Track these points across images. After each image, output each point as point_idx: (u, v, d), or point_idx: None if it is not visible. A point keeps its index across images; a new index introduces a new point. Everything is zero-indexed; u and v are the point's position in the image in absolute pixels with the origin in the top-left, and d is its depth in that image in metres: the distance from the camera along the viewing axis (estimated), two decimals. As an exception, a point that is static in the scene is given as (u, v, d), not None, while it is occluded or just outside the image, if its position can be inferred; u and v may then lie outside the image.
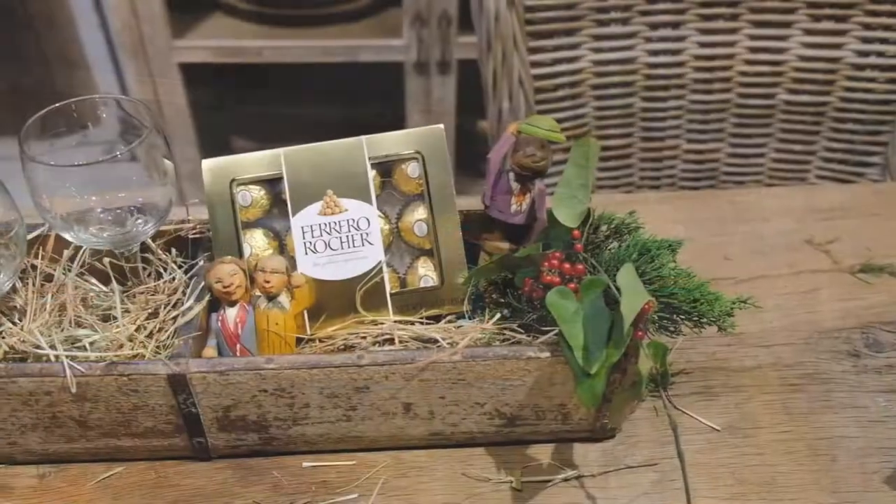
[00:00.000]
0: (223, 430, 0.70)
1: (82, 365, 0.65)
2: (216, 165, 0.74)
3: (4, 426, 0.69)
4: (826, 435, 0.75)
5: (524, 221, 0.77)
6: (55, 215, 0.68)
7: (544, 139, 0.74)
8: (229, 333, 0.69)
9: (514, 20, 1.14)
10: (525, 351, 0.67)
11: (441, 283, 0.76)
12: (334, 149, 0.75)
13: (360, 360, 0.66)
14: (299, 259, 0.74)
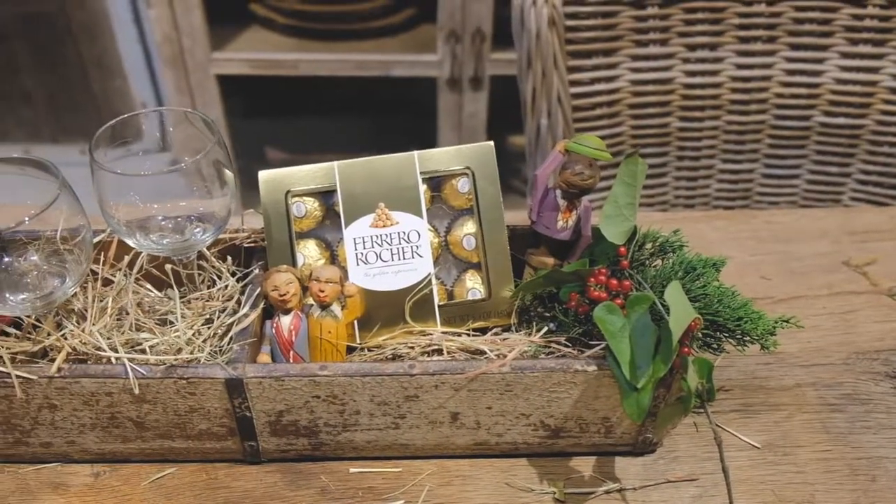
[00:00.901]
0: (275, 434, 0.72)
1: (143, 367, 0.67)
2: (272, 177, 0.77)
3: (64, 425, 0.71)
4: (865, 455, 0.76)
5: (570, 237, 0.78)
6: (119, 221, 0.71)
7: (592, 157, 0.76)
8: (283, 340, 0.71)
9: (555, 39, 1.16)
10: (572, 364, 0.68)
11: (488, 295, 0.78)
12: (387, 163, 0.77)
13: (411, 370, 0.68)
14: (351, 269, 0.76)
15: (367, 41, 2.04)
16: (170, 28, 1.90)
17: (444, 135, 2.12)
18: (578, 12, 1.17)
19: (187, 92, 2.03)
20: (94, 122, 2.63)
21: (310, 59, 1.98)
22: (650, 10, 1.19)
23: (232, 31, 2.05)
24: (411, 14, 2.08)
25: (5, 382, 0.67)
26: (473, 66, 1.97)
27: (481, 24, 1.90)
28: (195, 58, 1.96)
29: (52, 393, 0.68)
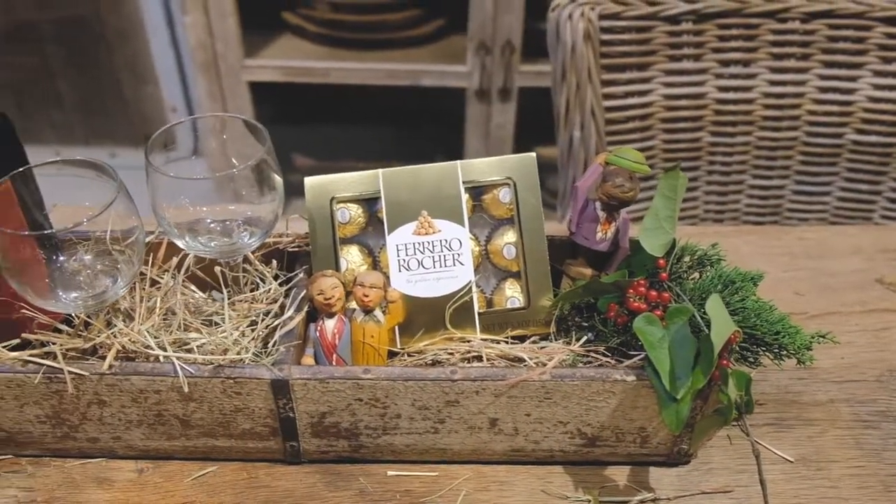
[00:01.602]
0: (316, 435, 0.74)
1: (191, 366, 0.69)
2: (317, 183, 0.78)
3: (111, 421, 0.73)
4: (900, 471, 0.77)
5: (608, 249, 0.79)
6: (170, 223, 0.72)
7: (632, 170, 0.77)
8: (327, 343, 0.73)
9: (590, 53, 1.17)
10: (611, 374, 0.69)
11: (527, 304, 0.79)
12: (430, 171, 0.79)
13: (453, 375, 0.69)
14: (393, 276, 0.77)
15: (397, 51, 2.06)
16: (204, 34, 1.93)
17: (471, 145, 2.14)
18: (614, 26, 1.18)
19: (219, 98, 2.06)
20: (124, 126, 2.67)
21: (341, 67, 2.00)
22: (685, 26, 1.20)
23: (264, 38, 2.08)
24: (441, 25, 2.10)
25: (58, 378, 0.69)
26: (503, 78, 1.99)
27: (511, 37, 1.92)
28: (228, 64, 1.99)
29: (103, 389, 0.70)
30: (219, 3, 1.88)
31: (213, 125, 0.75)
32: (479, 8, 1.87)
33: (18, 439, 0.75)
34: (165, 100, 2.56)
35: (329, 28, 2.04)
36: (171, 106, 2.57)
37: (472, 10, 1.88)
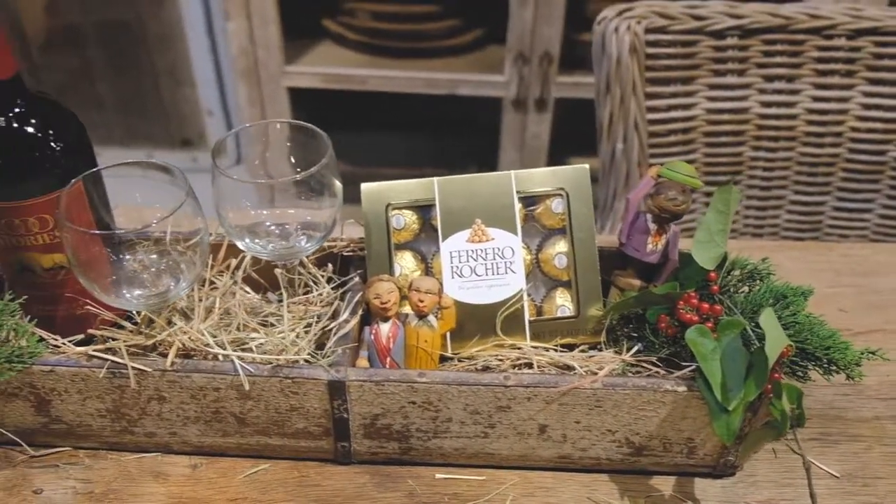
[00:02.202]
0: (368, 436, 0.75)
1: (251, 365, 0.71)
2: (374, 190, 0.80)
3: (170, 417, 0.75)
4: (946, 490, 0.77)
5: (657, 261, 0.80)
6: (232, 225, 0.74)
7: (684, 184, 0.78)
8: (381, 347, 0.74)
9: (635, 66, 1.18)
10: (662, 384, 0.70)
11: (577, 313, 0.80)
12: (484, 180, 0.80)
13: (506, 381, 0.70)
14: (445, 282, 0.79)
15: (436, 60, 2.08)
16: (246, 41, 1.96)
17: (506, 154, 2.15)
18: (659, 40, 1.19)
19: (258, 103, 2.09)
20: (161, 128, 2.72)
21: (379, 75, 2.03)
22: (730, 41, 1.21)
23: (304, 45, 2.11)
24: (479, 35, 2.12)
25: (121, 373, 0.71)
26: (539, 88, 2.00)
27: (550, 47, 1.93)
28: (268, 70, 2.01)
29: (164, 385, 0.72)
30: (261, 10, 1.91)
31: (274, 130, 0.77)
32: (518, 18, 1.89)
33: (78, 432, 0.77)
34: (202, 103, 2.60)
35: (369, 36, 2.07)
36: (207, 109, 2.61)
37: (511, 20, 1.90)
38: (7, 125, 0.67)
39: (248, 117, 2.14)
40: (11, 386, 0.73)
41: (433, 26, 2.08)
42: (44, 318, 0.75)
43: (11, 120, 0.67)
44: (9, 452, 0.78)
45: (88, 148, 0.72)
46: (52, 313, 0.76)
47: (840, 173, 1.30)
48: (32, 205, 0.68)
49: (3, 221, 0.69)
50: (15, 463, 0.78)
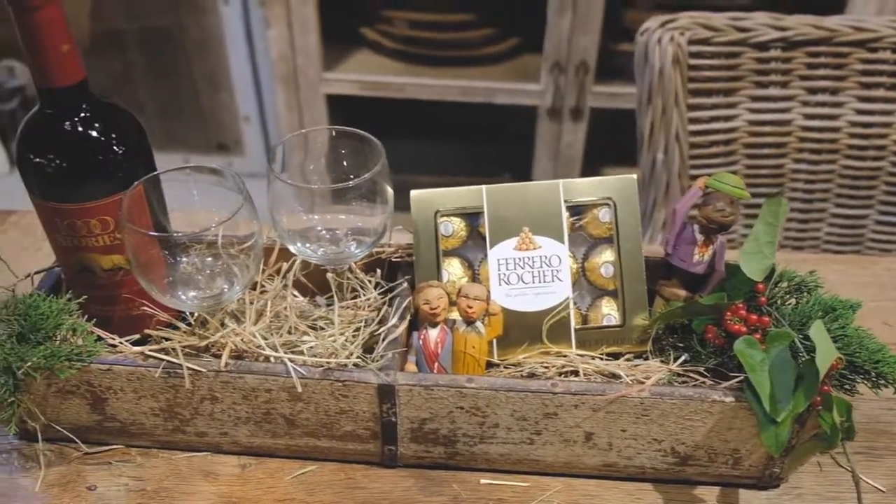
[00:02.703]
0: (414, 440, 0.76)
1: (302, 368, 0.72)
2: (423, 197, 0.81)
3: (221, 417, 0.76)
4: None
5: (703, 271, 0.81)
6: (285, 229, 0.76)
7: (732, 195, 0.78)
8: (429, 352, 0.75)
9: (678, 77, 1.19)
10: (710, 394, 0.71)
11: (623, 322, 0.80)
12: (532, 189, 0.81)
13: (553, 388, 0.71)
14: (492, 289, 0.80)
15: (472, 68, 2.09)
16: (286, 47, 1.99)
17: (539, 163, 2.16)
18: (702, 52, 1.19)
19: (296, 109, 2.11)
20: (198, 133, 2.75)
21: (416, 83, 2.04)
22: (773, 53, 1.21)
23: (342, 52, 2.13)
24: (515, 43, 2.13)
25: (176, 373, 0.73)
26: (575, 97, 2.01)
27: (586, 57, 1.94)
28: (307, 77, 2.04)
29: (217, 386, 0.73)
30: (302, 18, 1.93)
31: (326, 137, 0.78)
32: (555, 27, 1.90)
33: (131, 430, 0.79)
34: (239, 109, 2.64)
35: (406, 44, 2.09)
36: (244, 115, 2.65)
37: (548, 29, 1.91)
38: (73, 129, 0.69)
39: (285, 123, 2.16)
40: (69, 384, 0.74)
41: (469, 35, 2.10)
42: (101, 318, 0.76)
43: (77, 124, 0.69)
44: (63, 449, 0.80)
45: (148, 151, 0.74)
46: (108, 313, 0.77)
47: (883, 186, 1.30)
48: (95, 207, 0.70)
49: (66, 223, 0.71)
50: (69, 459, 0.79)
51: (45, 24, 0.63)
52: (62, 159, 0.69)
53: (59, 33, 0.64)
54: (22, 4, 0.61)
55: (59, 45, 0.64)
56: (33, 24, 0.63)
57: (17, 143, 0.70)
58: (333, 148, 0.77)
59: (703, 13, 1.19)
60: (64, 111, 0.68)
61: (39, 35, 0.63)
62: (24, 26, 0.63)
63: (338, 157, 0.78)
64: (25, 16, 0.62)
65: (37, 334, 0.71)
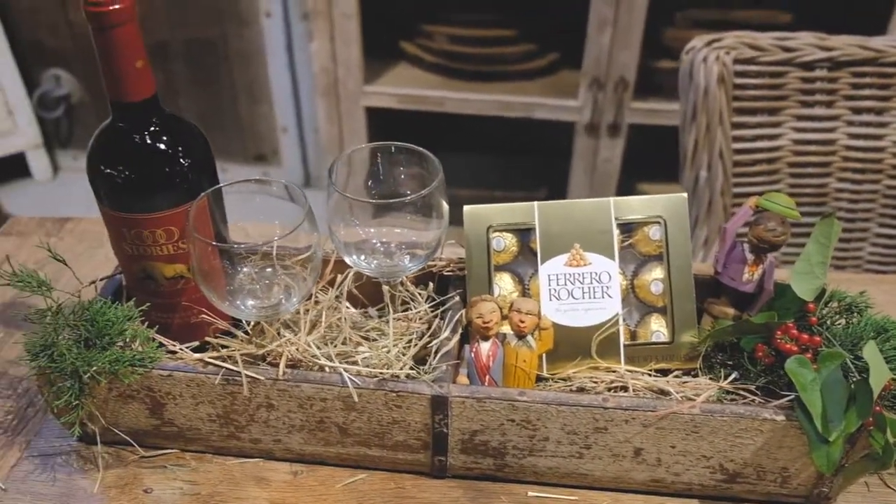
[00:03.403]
0: (464, 451, 0.77)
1: (357, 378, 0.74)
2: (476, 212, 0.83)
3: (276, 424, 0.78)
4: None
5: (753, 290, 0.81)
6: (342, 241, 0.78)
7: (783, 215, 0.79)
8: (481, 365, 0.77)
9: (723, 96, 1.19)
10: (761, 412, 0.71)
11: (671, 339, 0.81)
12: (583, 206, 0.82)
13: (605, 403, 0.72)
14: (543, 304, 0.81)
15: (511, 83, 2.11)
16: (328, 60, 2.02)
17: (576, 178, 2.17)
18: (747, 71, 1.20)
19: (336, 121, 2.14)
20: (236, 143, 2.79)
21: (455, 97, 2.06)
22: (818, 73, 1.22)
23: (382, 66, 2.16)
24: (554, 59, 2.15)
25: (234, 380, 0.75)
26: (613, 114, 2.02)
27: (625, 73, 1.95)
28: (348, 89, 2.07)
29: (274, 394, 0.75)
30: (344, 32, 1.96)
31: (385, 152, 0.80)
32: (595, 44, 1.91)
33: (188, 435, 0.81)
34: (278, 120, 2.67)
35: (445, 59, 2.11)
36: (282, 126, 2.68)
37: (588, 46, 1.92)
38: (143, 142, 0.71)
39: (325, 134, 2.20)
40: (130, 388, 0.76)
41: (509, 50, 2.12)
42: (160, 325, 0.79)
43: (147, 137, 0.71)
44: (121, 452, 0.82)
45: (212, 164, 0.76)
46: (168, 320, 0.80)
47: (927, 207, 1.29)
48: (161, 217, 0.72)
49: (133, 232, 0.73)
50: (126, 462, 0.82)
51: (122, 41, 0.65)
52: (132, 171, 0.71)
53: (135, 50, 0.66)
54: (101, 22, 0.64)
55: (134, 62, 0.67)
56: (111, 41, 0.65)
57: (89, 154, 0.72)
58: (391, 162, 0.79)
59: (749, 33, 1.20)
60: (135, 125, 0.71)
61: (116, 51, 0.66)
62: (102, 43, 0.65)
63: (395, 171, 0.79)
64: (104, 33, 0.64)
65: (102, 340, 0.73)
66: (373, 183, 0.79)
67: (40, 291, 0.75)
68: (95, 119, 2.78)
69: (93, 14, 0.64)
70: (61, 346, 0.72)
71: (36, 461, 0.81)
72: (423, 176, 0.77)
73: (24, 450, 0.82)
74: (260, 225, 0.96)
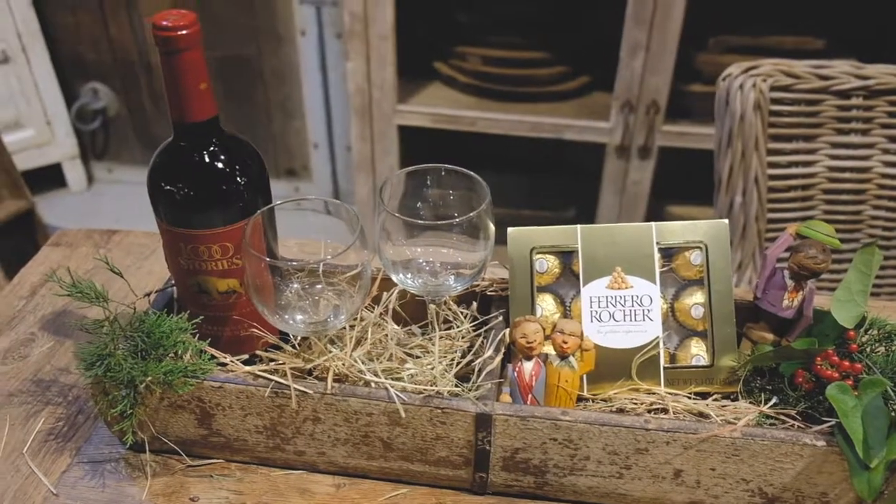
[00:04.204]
0: (505, 469, 0.79)
1: (403, 394, 0.75)
2: (520, 234, 0.84)
3: (321, 437, 0.80)
4: None
5: (792, 316, 0.82)
6: (389, 260, 0.80)
7: (824, 243, 0.80)
8: (524, 384, 0.78)
9: (759, 122, 1.21)
10: (802, 437, 0.72)
11: (711, 363, 0.82)
12: (625, 230, 0.84)
13: (646, 424, 0.73)
14: (584, 325, 0.82)
15: (542, 104, 2.13)
16: (363, 80, 2.05)
17: (605, 199, 2.18)
18: (783, 98, 1.21)
19: (369, 139, 2.17)
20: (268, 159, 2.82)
21: (487, 117, 2.09)
22: (854, 101, 1.23)
23: (416, 86, 2.19)
24: (586, 82, 2.17)
25: (283, 393, 0.77)
26: (644, 136, 2.03)
27: (657, 97, 1.96)
28: (381, 109, 2.10)
29: (321, 407, 0.77)
30: (380, 53, 1.99)
31: (433, 173, 0.81)
32: (627, 68, 1.93)
33: (234, 446, 0.83)
34: (309, 136, 2.71)
35: (478, 79, 2.13)
36: (313, 142, 2.72)
37: (620, 69, 1.94)
38: (202, 161, 0.74)
39: (357, 152, 2.22)
40: (181, 399, 0.79)
41: (541, 72, 2.14)
42: (211, 337, 0.81)
43: (206, 156, 0.74)
44: (168, 461, 0.84)
45: (266, 182, 0.79)
46: (218, 333, 0.82)
47: (962, 236, 1.30)
48: (217, 233, 0.75)
49: (189, 247, 0.76)
50: (173, 471, 0.84)
51: (188, 65, 0.68)
52: (191, 189, 0.74)
53: (199, 73, 0.69)
54: (169, 47, 0.67)
55: (198, 84, 0.69)
56: (177, 65, 0.68)
57: (150, 171, 0.75)
58: (439, 183, 0.81)
59: (785, 60, 1.22)
60: (196, 144, 0.73)
61: (181, 74, 0.68)
62: (168, 66, 0.68)
63: (444, 193, 0.81)
64: (172, 57, 0.67)
65: (157, 351, 0.76)
66: (421, 203, 0.81)
67: (98, 302, 0.77)
68: (131, 132, 2.84)
69: (162, 39, 0.67)
70: (118, 357, 0.74)
71: (86, 467, 0.84)
72: (470, 198, 0.79)
73: (74, 456, 0.85)
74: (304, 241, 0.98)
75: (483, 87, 2.14)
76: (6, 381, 0.94)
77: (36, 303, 1.06)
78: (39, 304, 1.06)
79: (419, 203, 0.81)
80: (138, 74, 2.71)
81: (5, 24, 2.50)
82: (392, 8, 1.94)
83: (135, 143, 2.88)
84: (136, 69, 2.70)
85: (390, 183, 0.79)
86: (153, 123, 2.81)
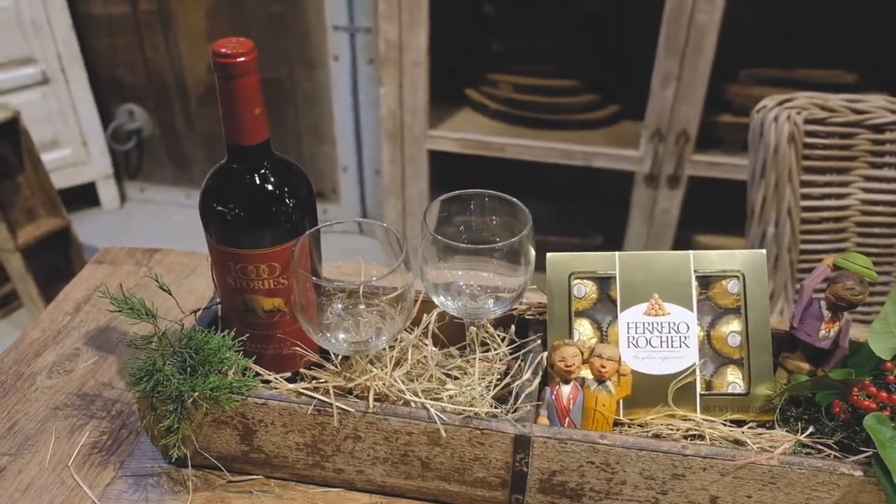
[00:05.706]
0: (542, 491, 0.79)
1: (443, 414, 0.77)
2: (559, 260, 0.86)
3: (361, 455, 0.81)
4: None
5: (829, 347, 0.83)
6: (431, 282, 0.81)
7: (861, 275, 0.81)
8: (562, 407, 0.79)
9: (793, 154, 1.22)
10: (839, 466, 0.73)
11: (747, 391, 0.83)
12: (663, 258, 0.85)
13: (684, 450, 0.74)
14: (621, 351, 0.83)
15: (572, 132, 2.15)
16: (395, 105, 2.08)
17: (633, 227, 2.19)
18: (818, 131, 1.22)
19: (399, 163, 2.20)
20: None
21: (517, 143, 2.11)
22: (888, 135, 1.23)
23: (447, 111, 2.22)
24: (615, 111, 2.19)
25: (325, 411, 0.78)
26: (674, 166, 2.04)
27: (688, 126, 1.98)
28: (413, 133, 2.13)
29: (362, 426, 0.78)
30: (413, 79, 2.03)
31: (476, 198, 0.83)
32: (658, 98, 1.95)
33: (274, 462, 0.84)
34: (339, 159, 2.75)
35: (509, 106, 2.16)
36: (343, 166, 2.76)
37: (651, 99, 1.96)
38: (253, 183, 0.76)
39: (387, 176, 2.25)
40: (225, 415, 0.80)
41: (571, 100, 2.16)
42: (256, 355, 0.83)
43: (257, 178, 0.76)
44: (209, 476, 0.86)
45: (313, 204, 0.81)
46: (263, 351, 0.84)
47: None
48: (266, 253, 0.77)
49: (238, 266, 0.78)
50: (214, 486, 0.85)
51: (245, 90, 0.71)
52: (242, 209, 0.76)
53: (255, 98, 0.72)
54: (227, 72, 0.69)
55: (253, 109, 0.72)
56: (234, 90, 0.70)
57: (203, 192, 0.78)
58: (481, 209, 0.83)
59: (820, 94, 1.23)
60: (248, 166, 0.76)
61: (238, 99, 0.71)
62: (225, 91, 0.71)
63: (486, 218, 0.83)
64: (229, 82, 0.70)
65: (204, 367, 0.78)
66: (464, 228, 0.83)
67: (147, 319, 0.79)
68: (164, 152, 2.89)
69: (220, 65, 0.69)
70: (167, 372, 0.76)
71: (129, 481, 0.85)
72: (512, 224, 0.81)
73: (118, 469, 0.87)
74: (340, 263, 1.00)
75: (513, 113, 2.17)
76: (52, 394, 0.96)
77: (80, 318, 1.09)
78: (84, 319, 1.09)
79: (461, 227, 0.83)
80: (172, 96, 2.76)
81: (46, 46, 2.56)
82: (426, 35, 1.97)
83: (167, 164, 2.93)
84: (170, 91, 2.75)
85: (433, 207, 0.81)
86: (185, 144, 2.86)
